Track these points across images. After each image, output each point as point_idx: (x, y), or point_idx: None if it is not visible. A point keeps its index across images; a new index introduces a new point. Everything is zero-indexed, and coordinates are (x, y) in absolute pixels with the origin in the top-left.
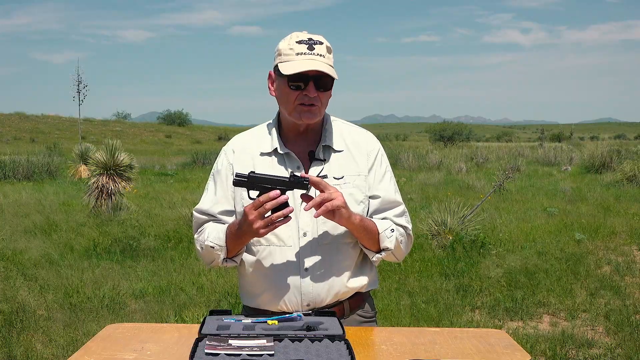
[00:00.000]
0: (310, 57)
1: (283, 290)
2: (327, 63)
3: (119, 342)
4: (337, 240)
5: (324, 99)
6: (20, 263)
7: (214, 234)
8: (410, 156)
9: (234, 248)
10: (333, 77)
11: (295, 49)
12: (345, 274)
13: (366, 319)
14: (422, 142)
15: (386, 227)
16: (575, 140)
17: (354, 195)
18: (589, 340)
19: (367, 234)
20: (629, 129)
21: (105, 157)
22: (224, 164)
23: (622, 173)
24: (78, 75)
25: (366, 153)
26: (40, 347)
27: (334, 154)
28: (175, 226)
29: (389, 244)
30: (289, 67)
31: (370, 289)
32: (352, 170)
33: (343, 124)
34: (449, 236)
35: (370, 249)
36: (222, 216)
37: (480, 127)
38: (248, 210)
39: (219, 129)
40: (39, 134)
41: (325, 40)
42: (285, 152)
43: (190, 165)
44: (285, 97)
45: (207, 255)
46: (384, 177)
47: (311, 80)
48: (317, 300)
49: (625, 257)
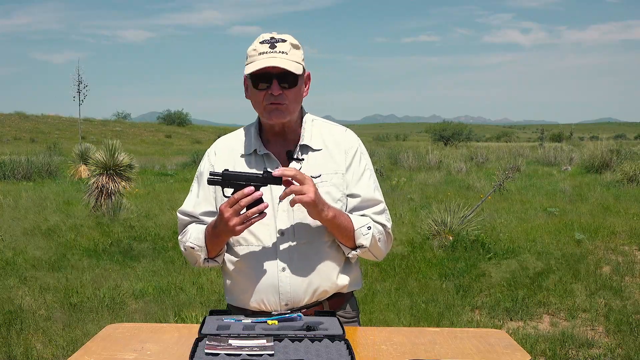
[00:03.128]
0: (271, 56)
1: (261, 289)
2: (291, 59)
3: (119, 342)
4: (316, 240)
5: (291, 96)
6: (20, 263)
7: (194, 234)
8: (410, 156)
9: (213, 248)
10: (296, 74)
11: (258, 49)
12: (325, 274)
13: (346, 319)
14: (422, 142)
15: (363, 224)
16: (575, 140)
17: (331, 193)
18: (589, 340)
19: (341, 230)
20: (629, 129)
21: (105, 157)
22: (205, 166)
23: (622, 173)
24: (78, 75)
25: (344, 151)
26: (40, 347)
27: (312, 153)
28: (175, 226)
29: (365, 242)
30: (251, 67)
31: (352, 289)
32: (330, 168)
33: (323, 122)
34: (449, 236)
35: (345, 245)
36: (204, 217)
37: (480, 127)
38: (223, 208)
39: (219, 129)
40: (39, 134)
41: (290, 38)
42: (265, 153)
43: (190, 165)
44: (255, 98)
45: (189, 256)
46: (363, 175)
47: (274, 79)
48: (295, 300)
49: (625, 257)
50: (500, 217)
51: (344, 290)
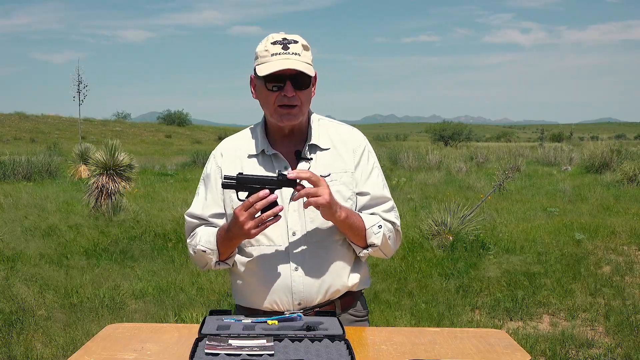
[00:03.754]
0: (285, 57)
1: (274, 289)
2: (303, 61)
3: (119, 342)
4: (327, 239)
5: (304, 98)
6: (20, 263)
7: (205, 237)
8: (410, 156)
9: (225, 251)
10: (310, 75)
11: (270, 50)
12: (336, 273)
13: (358, 318)
14: (422, 142)
15: (374, 222)
16: (575, 140)
17: (341, 192)
18: (589, 340)
19: (353, 230)
20: (629, 129)
21: (105, 157)
22: (212, 167)
23: (622, 173)
24: (78, 75)
25: (352, 149)
26: (40, 347)
27: (320, 152)
28: (175, 226)
29: (376, 240)
30: (265, 69)
31: (362, 287)
32: (339, 167)
33: (329, 122)
34: (449, 236)
35: (357, 244)
36: (213, 219)
37: (480, 127)
38: (238, 211)
39: (219, 129)
40: (39, 134)
41: (301, 39)
42: (273, 153)
43: (190, 165)
44: (265, 99)
45: (199, 259)
46: (372, 173)
47: (288, 80)
48: (308, 299)
49: (625, 257)
50: (500, 217)
51: (354, 289)
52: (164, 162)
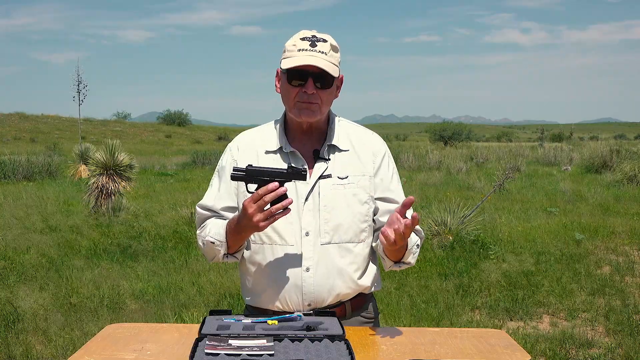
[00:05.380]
0: (310, 54)
1: (284, 289)
2: (329, 61)
3: (119, 342)
4: (340, 241)
5: (324, 97)
6: (20, 263)
7: (214, 229)
8: (410, 156)
9: (234, 244)
10: (334, 76)
11: (298, 45)
12: (348, 275)
13: (368, 320)
14: (422, 142)
15: (414, 242)
16: (575, 140)
17: (358, 195)
18: (589, 340)
19: (400, 249)
20: (629, 129)
21: (105, 157)
22: (228, 160)
23: (622, 173)
24: (78, 75)
25: (372, 154)
26: (40, 347)
27: (338, 154)
28: (175, 226)
29: (412, 260)
30: (289, 62)
31: (374, 290)
32: (357, 170)
33: (350, 124)
34: (449, 236)
35: (390, 258)
36: (225, 212)
37: (480, 127)
38: (247, 203)
39: (219, 129)
40: (39, 134)
41: (331, 39)
42: (290, 151)
43: (190, 165)
44: (286, 93)
45: (208, 250)
46: (393, 179)
47: (310, 77)
48: (319, 300)
49: (625, 257)
50: (500, 217)
51: (366, 291)
52: (164, 162)
